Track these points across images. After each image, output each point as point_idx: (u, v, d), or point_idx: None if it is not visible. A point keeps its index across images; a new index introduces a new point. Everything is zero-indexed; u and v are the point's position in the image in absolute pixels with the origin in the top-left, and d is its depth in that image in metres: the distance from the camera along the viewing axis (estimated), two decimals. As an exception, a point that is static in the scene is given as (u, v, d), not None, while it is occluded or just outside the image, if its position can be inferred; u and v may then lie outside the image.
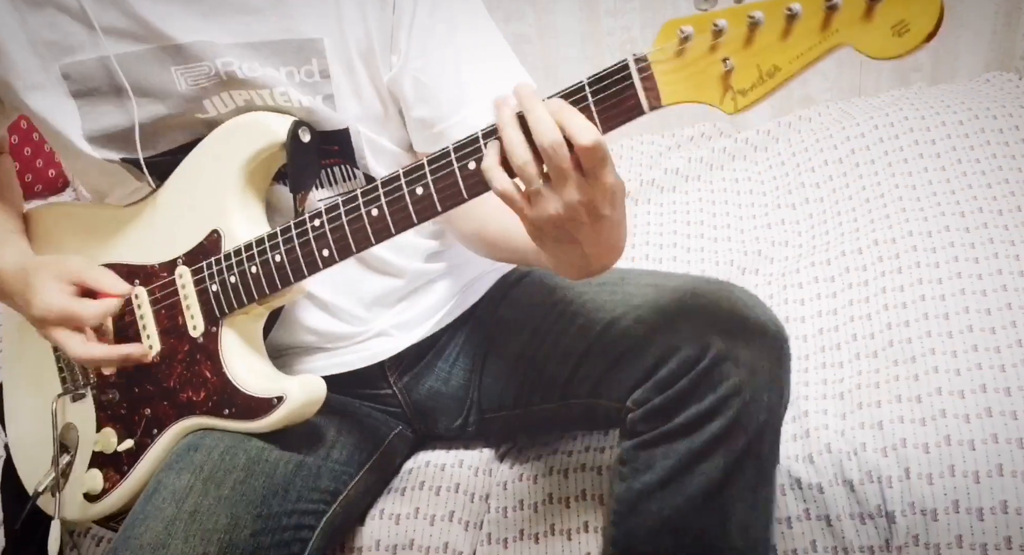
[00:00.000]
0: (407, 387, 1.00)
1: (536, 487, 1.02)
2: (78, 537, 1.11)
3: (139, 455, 0.88)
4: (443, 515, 1.00)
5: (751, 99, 0.60)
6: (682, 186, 1.63)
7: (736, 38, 0.59)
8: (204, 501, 0.79)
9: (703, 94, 0.61)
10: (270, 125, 0.82)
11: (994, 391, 0.97)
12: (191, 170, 0.87)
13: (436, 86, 0.85)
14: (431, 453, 1.08)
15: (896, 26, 0.54)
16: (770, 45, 0.58)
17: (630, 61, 0.63)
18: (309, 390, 0.83)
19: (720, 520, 0.83)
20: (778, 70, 0.58)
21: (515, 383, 0.97)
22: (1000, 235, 1.20)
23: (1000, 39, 1.71)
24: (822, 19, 0.56)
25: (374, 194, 0.73)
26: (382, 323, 0.95)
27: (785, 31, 0.57)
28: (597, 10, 1.87)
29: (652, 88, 0.63)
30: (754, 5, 0.58)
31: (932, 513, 0.90)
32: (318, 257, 0.78)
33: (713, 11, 0.60)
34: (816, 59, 0.57)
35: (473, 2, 0.88)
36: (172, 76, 0.82)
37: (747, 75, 0.59)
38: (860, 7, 0.55)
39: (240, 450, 0.84)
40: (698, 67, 0.61)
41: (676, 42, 0.61)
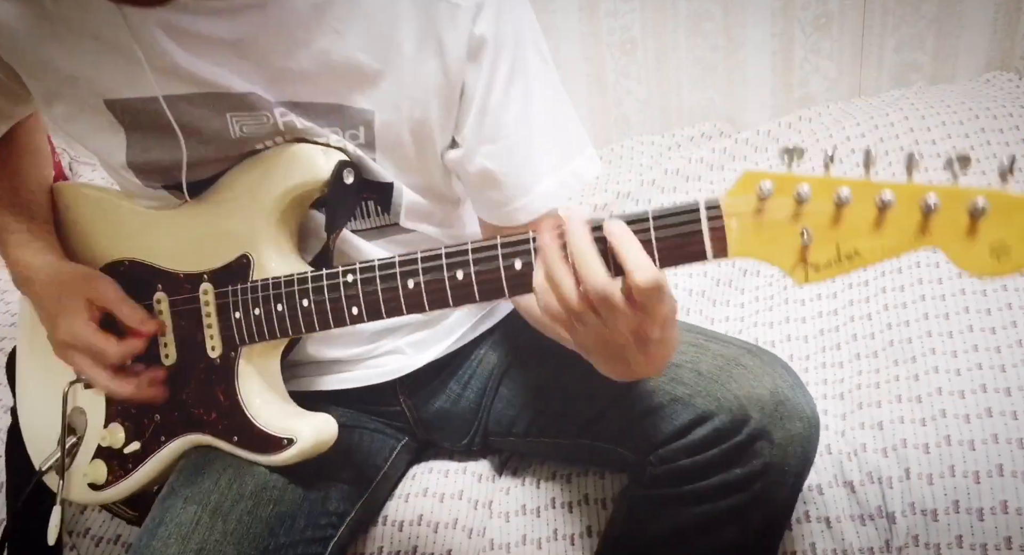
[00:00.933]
0: (416, 405, 0.99)
1: (539, 492, 1.02)
2: (77, 537, 1.11)
3: (144, 458, 0.88)
4: (446, 522, 0.99)
5: (824, 276, 0.57)
6: (682, 186, 1.62)
7: (821, 213, 0.56)
8: (210, 537, 0.78)
9: (774, 257, 0.58)
10: (316, 161, 0.79)
11: (994, 391, 0.97)
12: (229, 189, 0.85)
13: (506, 172, 0.82)
14: (435, 460, 1.08)
15: (996, 247, 0.52)
16: (857, 230, 0.55)
17: (701, 206, 0.59)
18: (319, 433, 0.82)
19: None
20: (858, 255, 0.55)
21: (530, 412, 0.95)
22: (1000, 235, 1.20)
23: (1000, 39, 1.71)
24: (919, 221, 0.53)
25: (412, 267, 0.71)
26: (395, 343, 0.94)
27: (876, 221, 0.54)
28: (597, 10, 1.87)
29: (720, 239, 0.59)
30: (842, 181, 0.55)
31: (932, 513, 0.90)
32: (347, 314, 0.76)
33: (797, 174, 0.57)
34: (902, 254, 0.55)
35: (546, 71, 0.83)
36: (227, 122, 0.79)
37: (825, 251, 0.56)
38: (962, 220, 0.52)
39: (247, 477, 0.83)
40: (775, 231, 0.58)
41: (755, 198, 0.58)
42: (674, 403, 0.82)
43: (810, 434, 0.81)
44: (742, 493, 0.80)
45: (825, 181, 0.56)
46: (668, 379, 0.84)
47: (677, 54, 1.88)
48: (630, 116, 1.98)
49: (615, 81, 1.94)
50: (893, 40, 1.76)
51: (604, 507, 0.98)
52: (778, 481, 0.80)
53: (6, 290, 1.55)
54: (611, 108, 1.98)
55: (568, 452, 0.97)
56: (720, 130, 1.82)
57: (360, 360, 0.94)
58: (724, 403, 0.79)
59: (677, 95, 1.93)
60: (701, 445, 0.80)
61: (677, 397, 0.82)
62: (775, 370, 0.82)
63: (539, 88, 0.82)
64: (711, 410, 0.80)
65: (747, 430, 0.78)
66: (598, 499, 0.99)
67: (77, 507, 1.14)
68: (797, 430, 0.79)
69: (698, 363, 0.83)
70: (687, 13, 1.82)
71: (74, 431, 0.92)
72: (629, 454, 0.87)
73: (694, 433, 0.80)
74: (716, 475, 0.80)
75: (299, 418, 0.83)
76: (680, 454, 0.81)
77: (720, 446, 0.79)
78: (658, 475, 0.83)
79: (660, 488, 0.83)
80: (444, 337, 0.96)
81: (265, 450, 0.82)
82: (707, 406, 0.80)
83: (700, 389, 0.81)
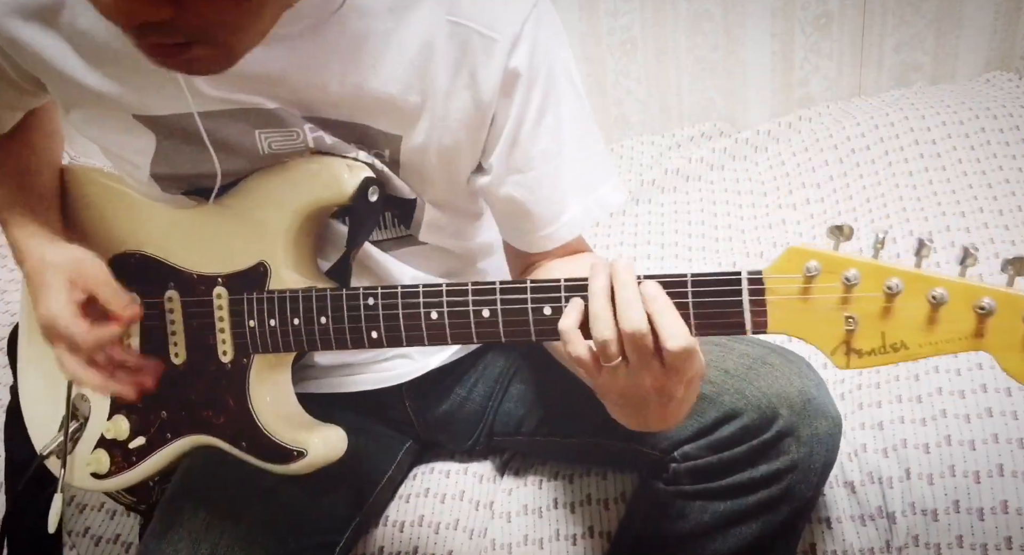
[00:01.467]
0: (421, 409, 0.99)
1: (540, 492, 1.02)
2: (77, 536, 1.11)
3: (149, 453, 0.88)
4: (448, 523, 0.99)
5: (867, 363, 0.56)
6: (682, 186, 1.62)
7: (870, 303, 0.55)
8: (221, 542, 0.78)
9: (815, 339, 0.57)
10: (341, 177, 0.78)
11: (994, 391, 0.97)
12: (250, 194, 0.84)
13: (534, 201, 0.81)
14: (436, 461, 1.08)
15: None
16: (907, 324, 0.54)
17: (743, 278, 0.58)
18: (330, 447, 0.81)
19: None
20: (904, 348, 0.54)
21: (541, 410, 0.95)
22: (1000, 235, 1.20)
23: (1000, 39, 1.71)
24: (974, 323, 0.52)
25: (436, 299, 0.70)
26: (403, 347, 0.94)
27: (928, 319, 0.53)
28: (597, 10, 1.87)
29: (761, 314, 0.58)
30: (894, 271, 0.54)
31: (932, 513, 0.90)
32: (366, 336, 0.75)
33: (845, 255, 0.55)
34: (950, 353, 0.53)
35: (577, 101, 0.82)
36: (255, 139, 0.78)
37: (869, 339, 0.55)
38: (1019, 328, 0.51)
39: (257, 482, 0.82)
40: (819, 314, 0.56)
41: (800, 277, 0.56)
42: (700, 400, 0.81)
43: (834, 433, 0.81)
44: (767, 490, 0.80)
45: (875, 266, 0.54)
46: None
47: (677, 54, 1.88)
48: (630, 116, 1.98)
49: (615, 81, 1.94)
50: (893, 40, 1.76)
51: (606, 508, 0.98)
52: (804, 479, 0.80)
53: (6, 290, 1.55)
54: (611, 108, 1.98)
55: (579, 451, 0.97)
56: (720, 130, 1.82)
57: (368, 364, 0.93)
58: (752, 400, 0.79)
59: (677, 95, 1.93)
60: (728, 442, 0.80)
61: (703, 395, 0.82)
62: (800, 369, 0.82)
63: (569, 119, 0.81)
64: (739, 407, 0.80)
65: (775, 427, 0.78)
66: (600, 500, 0.99)
67: (77, 506, 1.14)
68: (823, 428, 0.80)
69: (724, 361, 0.83)
70: (687, 13, 1.82)
71: (76, 417, 0.92)
72: (650, 451, 0.86)
73: (721, 430, 0.80)
74: (742, 472, 0.80)
75: (310, 430, 0.82)
76: (705, 451, 0.81)
77: (748, 443, 0.79)
78: (681, 472, 0.83)
79: (683, 484, 0.83)
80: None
81: (274, 460, 0.81)
82: (735, 403, 0.80)
83: (727, 387, 0.81)
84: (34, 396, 0.99)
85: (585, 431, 0.92)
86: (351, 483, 0.92)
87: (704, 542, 0.83)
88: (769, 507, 0.80)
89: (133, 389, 0.82)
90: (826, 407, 0.81)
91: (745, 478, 0.80)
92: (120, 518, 1.12)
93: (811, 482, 0.81)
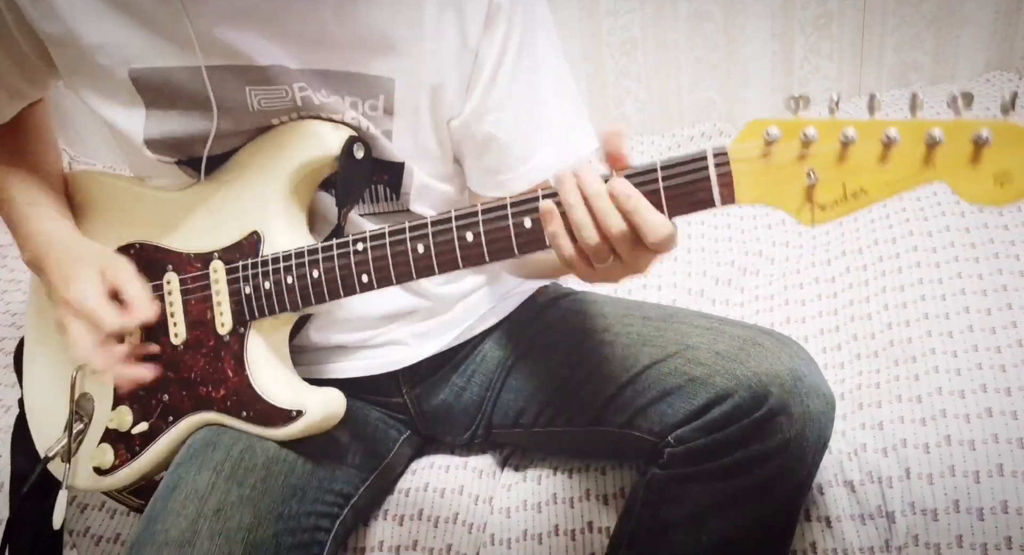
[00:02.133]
0: (418, 398, 1.00)
1: (540, 488, 1.02)
2: (78, 536, 1.11)
3: (152, 439, 0.88)
4: (447, 517, 1.00)
5: (830, 216, 0.58)
6: (682, 186, 1.62)
7: (827, 153, 0.57)
8: (227, 499, 0.79)
9: (780, 200, 0.59)
10: (326, 137, 0.81)
11: (994, 391, 0.97)
12: (240, 167, 0.86)
13: (510, 140, 0.84)
14: (436, 455, 1.08)
15: (999, 175, 0.52)
16: (862, 167, 0.56)
17: (708, 154, 0.61)
18: (328, 406, 0.83)
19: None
20: (864, 193, 0.56)
21: (538, 402, 0.96)
22: (1000, 235, 1.20)
23: (1000, 39, 1.71)
24: (923, 153, 0.54)
25: (422, 231, 0.72)
26: (399, 332, 0.94)
27: (882, 157, 0.55)
28: (597, 10, 1.87)
29: (728, 185, 0.61)
30: (848, 122, 0.56)
31: (932, 513, 0.90)
32: (356, 281, 0.77)
33: (804, 118, 0.58)
34: (907, 190, 0.55)
35: (554, 47, 0.86)
36: (246, 96, 0.81)
37: (830, 191, 0.57)
38: (966, 150, 0.53)
39: (258, 450, 0.84)
40: (781, 174, 0.59)
41: (761, 143, 0.59)
42: (692, 383, 0.83)
43: (827, 411, 0.82)
44: (761, 469, 0.80)
45: (831, 123, 0.57)
46: (685, 360, 0.85)
47: (677, 54, 1.88)
48: (630, 116, 1.98)
49: (615, 81, 1.94)
50: (893, 40, 1.76)
51: (606, 503, 0.98)
52: (797, 457, 0.80)
53: (6, 290, 1.55)
54: (611, 108, 1.98)
55: (578, 441, 0.97)
56: (720, 130, 1.82)
57: (363, 347, 0.94)
58: (743, 380, 0.80)
59: (677, 95, 1.93)
60: (720, 423, 0.81)
61: (695, 377, 0.83)
62: (791, 350, 0.83)
63: (546, 62, 0.85)
64: (730, 388, 0.80)
65: (766, 406, 0.79)
66: (600, 495, 0.99)
67: (78, 506, 1.14)
68: (816, 406, 0.80)
69: (715, 344, 0.84)
70: (687, 13, 1.82)
71: (81, 418, 0.93)
72: (646, 437, 0.87)
73: (713, 411, 0.81)
74: (736, 452, 0.80)
75: (308, 392, 0.84)
76: (699, 433, 0.82)
77: (739, 423, 0.80)
78: (676, 455, 0.83)
79: (678, 468, 0.84)
80: (448, 330, 0.97)
81: (274, 423, 0.83)
82: (726, 384, 0.81)
83: (718, 368, 0.82)
84: (39, 403, 1.00)
85: (583, 420, 0.93)
86: (349, 462, 0.93)
87: (702, 524, 0.83)
88: (765, 486, 0.81)
89: (135, 378, 0.84)
90: (818, 386, 0.81)
91: (739, 458, 0.80)
92: (120, 518, 1.12)
93: (805, 460, 0.81)
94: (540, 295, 1.03)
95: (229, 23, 0.77)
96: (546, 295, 1.03)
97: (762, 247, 1.42)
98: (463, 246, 0.70)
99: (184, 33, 0.77)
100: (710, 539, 0.83)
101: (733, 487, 0.81)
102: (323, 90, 0.81)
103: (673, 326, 0.89)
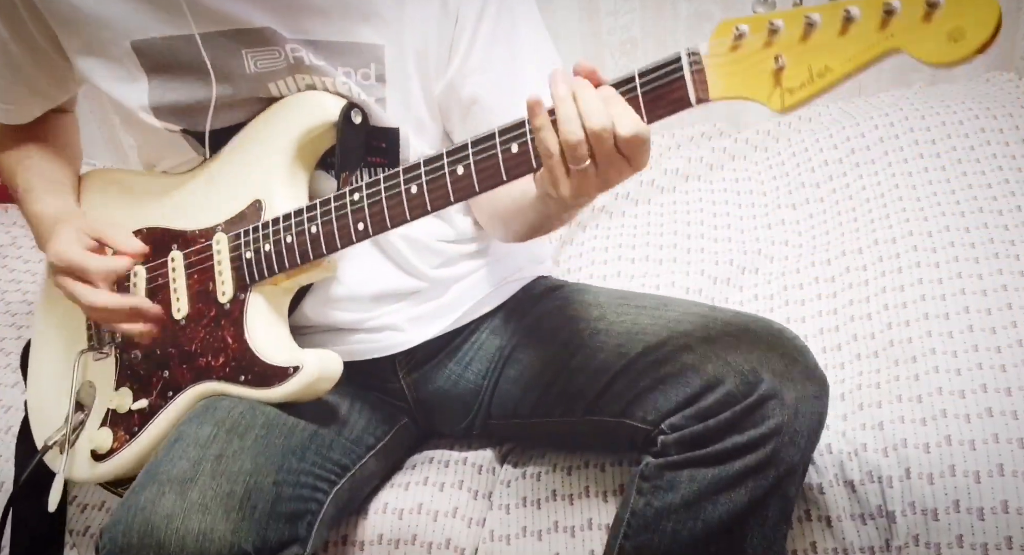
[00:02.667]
0: (415, 384, 1.00)
1: (539, 484, 1.02)
2: (78, 536, 1.11)
3: (151, 416, 0.89)
4: (446, 511, 1.00)
5: (799, 97, 0.60)
6: (682, 186, 1.62)
7: (791, 37, 0.60)
8: (228, 448, 0.80)
9: (751, 90, 0.62)
10: (324, 103, 0.84)
11: (995, 391, 0.97)
12: (243, 142, 0.89)
13: (493, 103, 0.87)
14: (435, 450, 1.08)
15: (952, 32, 0.55)
16: (824, 45, 0.59)
17: (683, 53, 0.64)
18: (325, 364, 0.85)
19: (735, 550, 0.84)
20: (829, 71, 0.59)
21: (535, 393, 0.96)
22: (1000, 235, 1.20)
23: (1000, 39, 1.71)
24: (879, 21, 0.57)
25: (415, 172, 0.75)
26: (395, 316, 0.95)
27: (841, 31, 0.58)
28: (597, 10, 1.87)
29: (702, 81, 0.64)
30: (812, 8, 0.60)
31: (933, 513, 0.90)
32: (352, 230, 0.80)
33: (771, 13, 0.61)
34: (868, 62, 0.58)
35: (532, 12, 0.89)
36: (243, 59, 0.84)
37: (797, 73, 0.60)
38: (919, 10, 0.55)
39: (259, 412, 0.85)
40: (750, 62, 0.62)
41: (730, 39, 0.62)
42: (684, 370, 0.84)
43: (820, 395, 0.83)
44: (754, 454, 0.80)
45: (796, 12, 0.60)
46: (678, 348, 0.85)
47: (677, 54, 1.87)
48: (630, 116, 1.98)
49: (615, 81, 1.94)
50: (893, 40, 1.76)
51: (605, 500, 0.98)
52: (790, 442, 0.81)
53: (6, 290, 1.55)
54: (611, 108, 1.98)
55: (575, 433, 0.98)
56: (720, 130, 1.82)
57: (359, 330, 0.95)
58: (735, 366, 0.81)
59: (677, 95, 1.93)
60: (713, 409, 0.81)
61: (687, 364, 0.84)
62: (783, 336, 0.84)
63: (525, 23, 0.88)
64: (721, 374, 0.81)
65: (758, 392, 0.79)
66: (599, 492, 0.99)
67: (78, 506, 1.14)
68: (808, 390, 0.81)
69: (707, 331, 0.85)
70: (687, 13, 1.82)
71: (82, 406, 0.93)
72: (640, 426, 0.87)
73: (705, 398, 0.82)
74: (728, 438, 0.81)
75: (306, 352, 0.86)
76: (692, 420, 0.82)
77: (732, 408, 0.80)
78: (669, 443, 0.84)
79: (671, 455, 0.84)
80: (444, 314, 0.97)
81: (272, 382, 0.84)
82: (717, 371, 0.81)
83: (710, 355, 0.83)
84: (42, 399, 1.00)
85: (577, 410, 0.93)
86: (346, 436, 0.94)
87: (695, 511, 0.83)
88: (756, 471, 0.81)
89: (144, 331, 0.87)
90: (810, 371, 0.82)
91: (730, 444, 0.81)
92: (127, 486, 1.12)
93: (798, 445, 0.82)
94: (536, 285, 1.05)
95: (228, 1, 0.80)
96: (542, 285, 1.05)
97: (762, 246, 1.41)
98: (454, 180, 0.73)
99: (176, 3, 0.81)
100: (706, 525, 0.83)
101: (726, 472, 0.81)
102: (313, 55, 0.84)
103: (666, 314, 0.90)
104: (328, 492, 0.89)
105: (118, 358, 0.94)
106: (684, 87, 0.65)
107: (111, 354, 0.94)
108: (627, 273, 1.41)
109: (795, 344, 0.84)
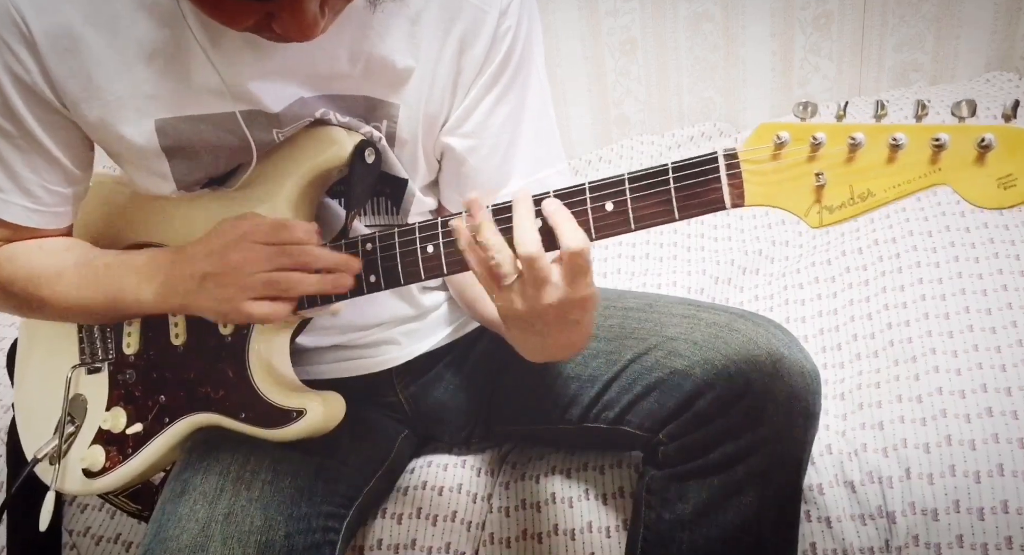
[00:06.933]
0: (413, 397, 1.00)
1: (539, 487, 1.02)
2: (78, 536, 1.11)
3: (146, 440, 0.88)
4: (446, 515, 1.00)
5: (837, 217, 0.59)
6: (682, 186, 1.62)
7: (835, 155, 0.58)
8: (237, 502, 0.79)
9: (790, 203, 0.60)
10: (338, 139, 0.82)
11: (995, 391, 0.97)
12: (254, 173, 0.86)
13: (480, 169, 0.86)
14: (434, 454, 1.08)
15: (1003, 179, 0.54)
16: (869, 169, 0.57)
17: (720, 155, 0.62)
18: (329, 408, 0.83)
19: (755, 550, 0.83)
20: (871, 195, 0.58)
21: (532, 402, 0.96)
22: (1000, 235, 1.20)
23: (1000, 39, 1.72)
24: (929, 157, 0.56)
25: (432, 231, 0.74)
26: (390, 332, 0.94)
27: (888, 159, 0.57)
28: (597, 10, 1.87)
29: (738, 187, 0.62)
30: (856, 127, 0.58)
31: (933, 513, 0.90)
32: (364, 281, 0.77)
33: (811, 123, 0.59)
34: (913, 192, 0.57)
35: (542, 83, 0.87)
36: (272, 136, 0.81)
37: (839, 193, 0.58)
38: (971, 150, 0.54)
39: (263, 452, 0.84)
40: (791, 174, 0.60)
41: (771, 146, 0.60)
42: (674, 376, 0.83)
43: (812, 387, 0.82)
44: (755, 456, 0.80)
45: (840, 127, 0.58)
46: (666, 353, 0.85)
47: (677, 54, 1.88)
48: (630, 116, 1.98)
49: (615, 81, 1.95)
50: (893, 40, 1.76)
51: (604, 502, 0.98)
52: (788, 438, 0.81)
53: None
54: (611, 108, 1.98)
55: (575, 439, 0.98)
56: (720, 130, 1.82)
57: (355, 347, 0.94)
58: (722, 370, 0.81)
59: (677, 95, 1.93)
60: (707, 415, 0.81)
61: (676, 370, 0.83)
62: (768, 330, 0.84)
63: (532, 99, 0.86)
64: (710, 379, 0.81)
65: (750, 393, 0.79)
66: (599, 494, 0.99)
67: (78, 506, 1.14)
68: (798, 385, 0.81)
69: (692, 333, 0.85)
70: (687, 13, 1.82)
71: (73, 420, 0.92)
72: (637, 432, 0.87)
73: (698, 404, 0.81)
74: (727, 444, 0.81)
75: (309, 393, 0.84)
76: (688, 427, 0.82)
77: (726, 413, 0.80)
78: (670, 453, 0.84)
79: (675, 466, 0.84)
80: (437, 329, 0.97)
81: (275, 424, 0.82)
82: (706, 376, 0.81)
83: (697, 359, 0.82)
84: (30, 408, 0.99)
85: (574, 416, 0.93)
86: (352, 464, 0.93)
87: (709, 519, 0.83)
88: (761, 473, 0.81)
89: (342, 284, 0.78)
90: (798, 363, 0.82)
91: (730, 449, 0.81)
92: (121, 518, 1.12)
93: (797, 440, 0.82)
94: None
95: (258, 78, 0.77)
96: None
97: (762, 246, 1.41)
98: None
99: (215, 83, 0.77)
100: (723, 531, 0.83)
101: (730, 478, 0.82)
102: (337, 115, 0.82)
103: (652, 316, 0.90)
104: (339, 529, 0.88)
105: (111, 376, 0.92)
106: (720, 190, 0.62)
107: (104, 370, 0.93)
108: (627, 271, 1.41)
109: (781, 338, 0.84)
